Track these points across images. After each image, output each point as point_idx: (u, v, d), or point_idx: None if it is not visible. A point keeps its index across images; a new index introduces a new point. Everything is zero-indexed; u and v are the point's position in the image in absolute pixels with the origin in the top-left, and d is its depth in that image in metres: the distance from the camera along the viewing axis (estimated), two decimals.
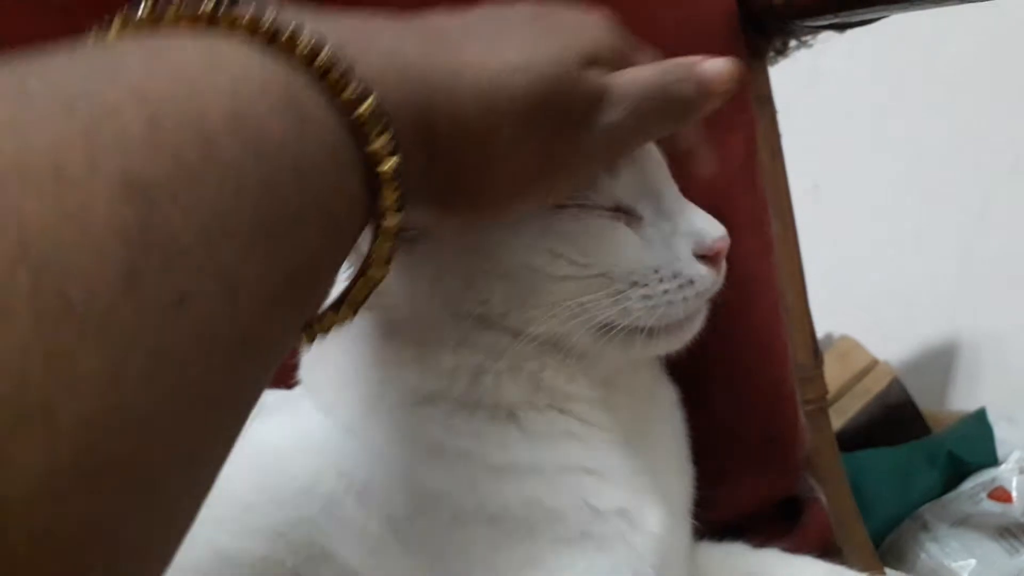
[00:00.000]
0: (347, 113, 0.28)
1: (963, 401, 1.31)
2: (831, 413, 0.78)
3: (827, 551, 0.68)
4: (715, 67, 0.38)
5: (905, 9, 0.62)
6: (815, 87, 1.10)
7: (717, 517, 0.58)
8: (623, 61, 0.39)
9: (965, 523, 0.98)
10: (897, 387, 1.18)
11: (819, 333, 0.78)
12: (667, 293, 0.42)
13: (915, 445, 1.08)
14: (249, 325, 0.24)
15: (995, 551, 0.95)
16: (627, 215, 0.43)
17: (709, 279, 0.44)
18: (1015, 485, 0.95)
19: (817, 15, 0.68)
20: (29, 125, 0.21)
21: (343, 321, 0.32)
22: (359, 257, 0.32)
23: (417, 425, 0.43)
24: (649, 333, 0.43)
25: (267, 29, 0.27)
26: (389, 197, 0.29)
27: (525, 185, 0.36)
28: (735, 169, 0.71)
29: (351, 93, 0.28)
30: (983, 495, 0.97)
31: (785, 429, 0.71)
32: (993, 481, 0.97)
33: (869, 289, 1.33)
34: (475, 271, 0.42)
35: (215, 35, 0.26)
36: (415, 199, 0.32)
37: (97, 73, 0.23)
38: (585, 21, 0.39)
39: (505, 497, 0.42)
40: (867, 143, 1.29)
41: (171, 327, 0.22)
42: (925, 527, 1.00)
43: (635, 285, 0.42)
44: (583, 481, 0.43)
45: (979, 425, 1.05)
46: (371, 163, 0.29)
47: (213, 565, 0.41)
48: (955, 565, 0.95)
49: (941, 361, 1.34)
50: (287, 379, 0.48)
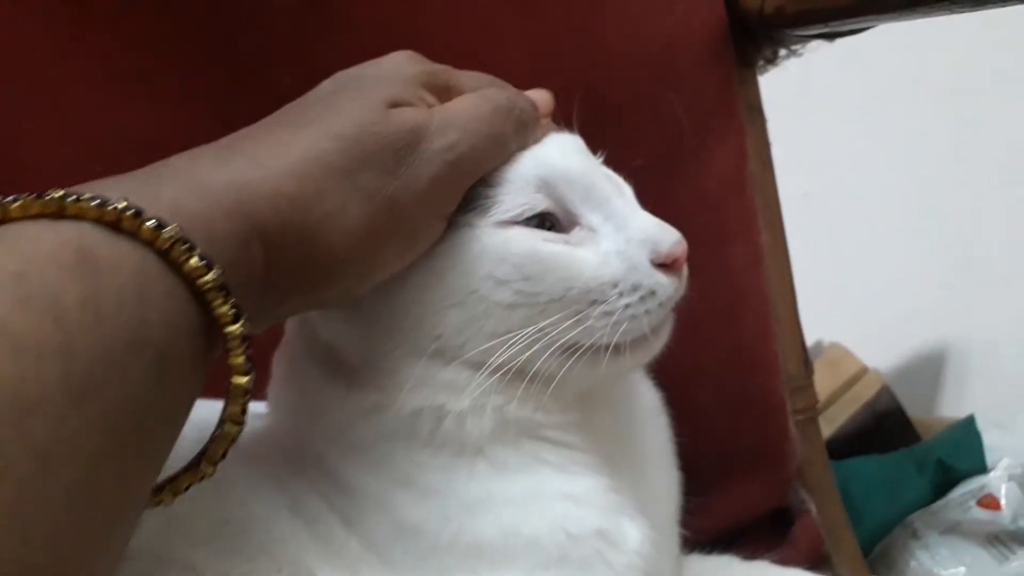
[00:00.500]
0: (154, 248, 0.29)
1: (952, 408, 1.31)
2: (820, 421, 0.78)
3: (817, 561, 0.68)
4: (539, 93, 0.45)
5: (894, 19, 0.62)
6: (805, 96, 1.10)
7: (708, 528, 0.58)
8: (442, 90, 0.41)
9: (954, 531, 0.98)
10: (887, 394, 1.18)
11: (808, 340, 0.78)
12: (629, 307, 0.41)
13: (904, 453, 1.07)
14: (70, 487, 0.25)
15: (984, 559, 0.95)
16: (578, 229, 0.42)
17: (671, 287, 0.42)
18: (1004, 492, 0.95)
19: (807, 25, 0.68)
20: None
21: (202, 478, 0.33)
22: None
23: (384, 459, 0.42)
24: (615, 350, 0.41)
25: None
26: (220, 309, 0.30)
27: (380, 235, 0.37)
28: (725, 178, 0.71)
29: (148, 233, 0.29)
30: (972, 503, 0.97)
31: (776, 440, 0.71)
32: (982, 488, 0.97)
33: (858, 297, 1.33)
34: (424, 305, 0.41)
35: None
36: (274, 299, 0.34)
37: None
38: (382, 71, 0.40)
39: (481, 528, 0.41)
40: (857, 152, 1.29)
41: None
42: (915, 535, 0.99)
43: (594, 303, 0.41)
44: (558, 506, 0.42)
45: (968, 432, 1.05)
46: (193, 286, 0.30)
47: None
48: (945, 573, 0.95)
49: (930, 368, 1.35)
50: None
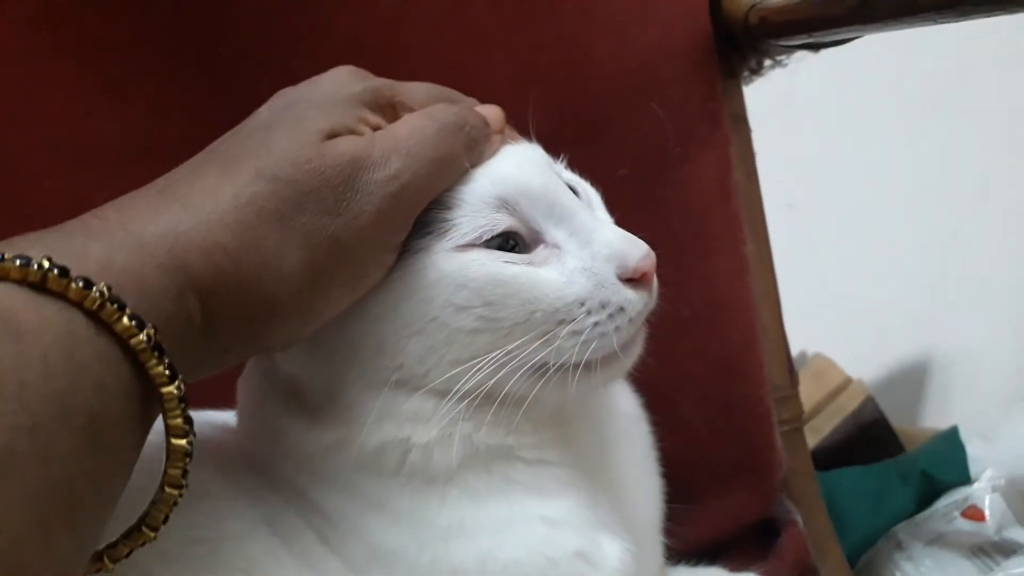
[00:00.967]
0: (82, 308, 0.28)
1: (935, 419, 1.31)
2: (805, 431, 0.78)
3: (804, 572, 0.67)
4: (489, 108, 0.42)
5: (878, 30, 0.62)
6: (789, 107, 1.10)
7: (694, 539, 0.57)
8: (387, 107, 0.39)
9: (939, 542, 0.98)
10: (871, 405, 1.18)
11: (793, 351, 0.78)
12: (598, 325, 0.40)
13: (888, 464, 1.08)
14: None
15: (968, 570, 0.95)
16: (542, 247, 0.41)
17: (640, 303, 0.41)
18: (988, 503, 0.95)
19: (791, 35, 0.68)
20: None
21: (144, 543, 0.32)
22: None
23: (355, 487, 0.41)
24: (585, 367, 0.40)
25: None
26: (155, 369, 0.30)
27: (323, 277, 0.35)
28: (710, 188, 0.71)
29: (75, 293, 0.28)
30: (956, 514, 0.97)
31: (761, 450, 0.70)
32: (966, 500, 0.97)
33: (843, 308, 1.33)
34: (383, 335, 0.39)
35: None
36: (217, 349, 0.33)
37: None
38: (321, 92, 0.38)
39: (457, 555, 0.40)
40: (841, 163, 1.30)
41: None
42: (899, 546, 0.99)
43: (562, 323, 0.40)
44: (535, 530, 0.41)
45: (951, 443, 1.06)
46: (126, 346, 0.29)
47: None
48: None
49: (914, 379, 1.35)
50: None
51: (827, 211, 1.31)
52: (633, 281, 0.41)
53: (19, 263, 0.27)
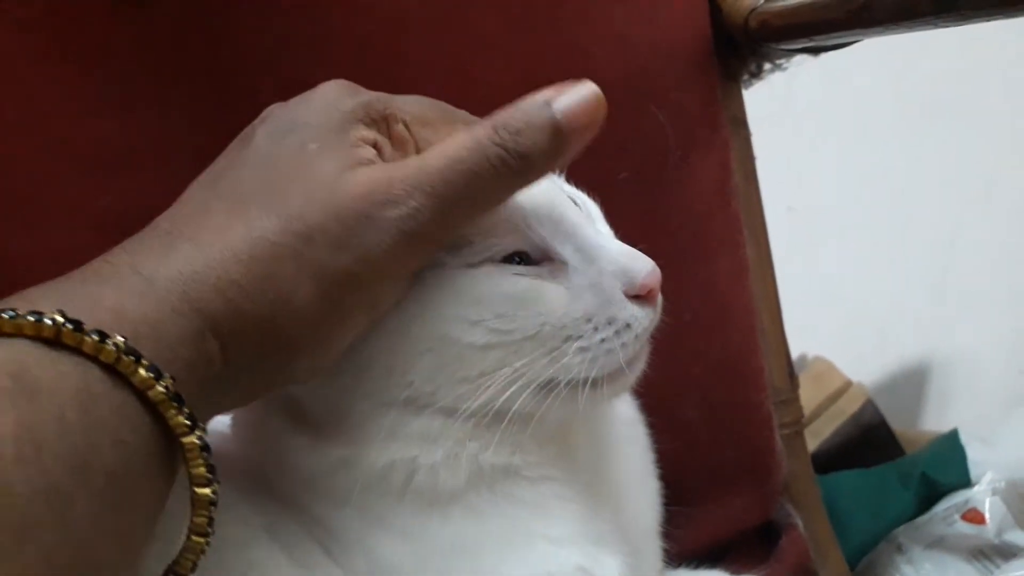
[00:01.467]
0: (98, 362, 0.28)
1: (936, 422, 1.31)
2: (805, 434, 0.78)
3: None
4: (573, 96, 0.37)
5: (879, 33, 0.62)
6: (789, 110, 1.10)
7: (694, 543, 0.57)
8: (380, 121, 0.37)
9: (939, 545, 0.98)
10: (871, 408, 1.18)
11: (793, 354, 0.78)
12: (604, 341, 0.40)
13: (889, 467, 1.08)
14: None
15: (969, 573, 0.95)
16: (549, 263, 0.41)
17: (646, 319, 0.41)
18: (988, 507, 0.95)
19: (791, 39, 0.68)
20: None
21: None
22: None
23: (356, 503, 0.41)
24: (592, 384, 0.40)
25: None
26: (175, 420, 0.29)
27: (338, 310, 0.35)
28: (709, 192, 0.71)
29: (91, 346, 0.27)
30: (957, 517, 0.97)
31: (762, 453, 0.70)
32: (967, 503, 0.97)
33: (843, 311, 1.33)
34: (393, 352, 0.39)
35: None
36: (240, 389, 0.33)
37: None
38: (315, 113, 0.37)
39: (460, 572, 0.40)
40: (841, 166, 1.30)
41: None
42: (900, 549, 0.99)
43: (569, 339, 0.40)
44: (537, 548, 0.42)
45: (952, 446, 1.06)
46: (144, 398, 0.28)
47: None
48: None
49: (914, 382, 1.35)
50: None
51: (827, 214, 1.31)
52: (639, 298, 0.41)
53: (32, 319, 0.27)
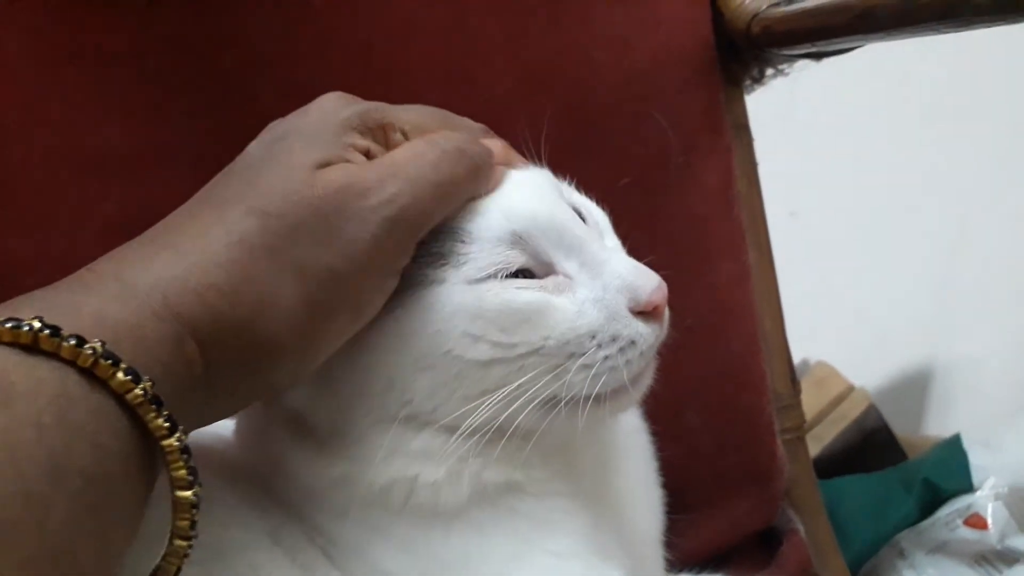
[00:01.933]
0: (76, 366, 0.28)
1: (938, 427, 1.31)
2: (807, 439, 0.78)
3: None
4: (493, 141, 0.42)
5: (881, 38, 0.62)
6: (792, 115, 1.10)
7: (696, 548, 0.57)
8: (377, 129, 0.38)
9: (941, 550, 0.98)
10: (873, 413, 1.18)
11: (795, 359, 0.78)
12: (608, 359, 0.39)
13: (891, 472, 1.07)
14: None
15: None
16: (554, 277, 0.40)
17: (651, 336, 0.41)
18: (991, 512, 0.95)
19: (794, 44, 0.68)
20: None
21: None
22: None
23: (358, 515, 0.41)
24: (596, 400, 0.40)
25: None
26: (154, 422, 0.29)
27: (322, 310, 0.35)
28: (712, 196, 0.71)
29: (68, 351, 0.27)
30: (959, 522, 0.97)
31: (764, 458, 0.70)
32: (969, 508, 0.97)
33: (845, 315, 1.33)
34: (393, 369, 0.39)
35: None
36: (221, 393, 0.33)
37: None
38: (309, 123, 0.38)
39: None
40: (843, 171, 1.30)
41: None
42: (902, 554, 0.99)
43: (572, 356, 0.39)
44: (541, 561, 0.41)
45: (954, 451, 1.05)
46: (123, 401, 0.29)
47: None
48: None
49: (916, 387, 1.35)
50: None
51: (829, 219, 1.31)
52: (645, 314, 0.40)
53: (10, 325, 0.27)
